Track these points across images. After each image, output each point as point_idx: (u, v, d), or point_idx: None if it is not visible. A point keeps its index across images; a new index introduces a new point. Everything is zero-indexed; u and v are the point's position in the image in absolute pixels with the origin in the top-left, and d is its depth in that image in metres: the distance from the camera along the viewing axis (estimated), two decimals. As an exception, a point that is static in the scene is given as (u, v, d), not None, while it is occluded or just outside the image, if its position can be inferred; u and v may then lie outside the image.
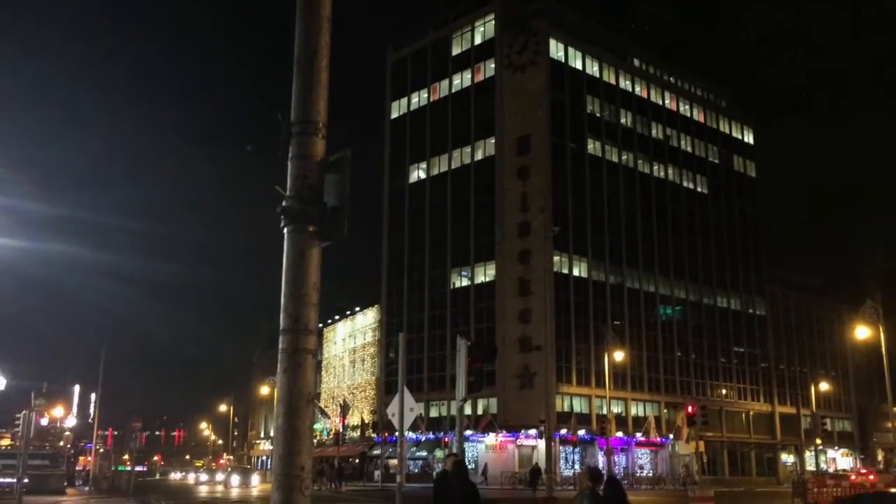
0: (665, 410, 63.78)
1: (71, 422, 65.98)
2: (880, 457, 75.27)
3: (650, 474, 58.66)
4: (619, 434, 57.06)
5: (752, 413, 72.37)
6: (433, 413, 60.95)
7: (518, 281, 58.63)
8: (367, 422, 69.57)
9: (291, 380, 5.58)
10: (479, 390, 13.71)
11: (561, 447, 54.30)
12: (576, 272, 60.49)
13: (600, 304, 61.23)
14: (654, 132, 69.02)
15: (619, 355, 52.06)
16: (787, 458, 72.57)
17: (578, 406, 58.39)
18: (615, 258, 63.33)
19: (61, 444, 56.25)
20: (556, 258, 58.93)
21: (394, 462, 53.40)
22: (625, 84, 67.29)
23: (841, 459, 76.51)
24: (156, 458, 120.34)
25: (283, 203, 5.85)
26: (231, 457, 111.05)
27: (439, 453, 53.50)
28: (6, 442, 57.49)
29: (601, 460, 51.43)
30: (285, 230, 5.85)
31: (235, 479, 53.71)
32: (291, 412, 5.54)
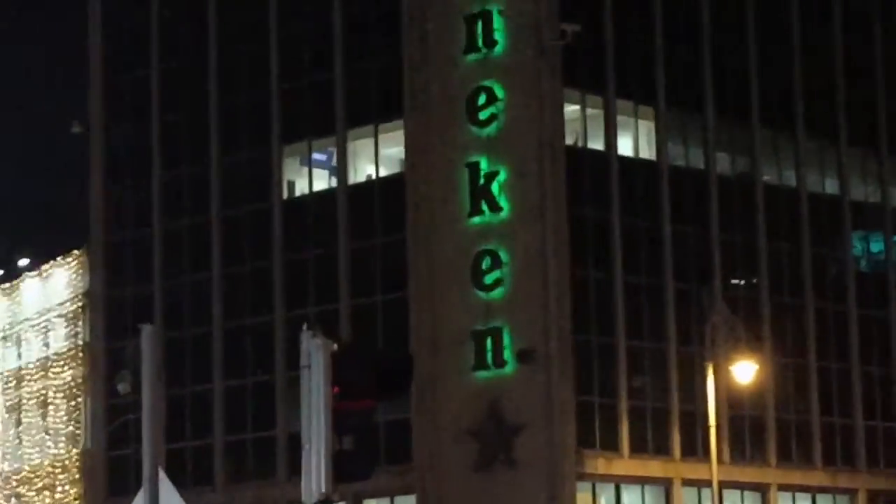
0: (868, 511, 58.71)
1: None
2: None
3: None
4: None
5: None
6: (244, 535, 58.93)
7: (467, 170, 51.63)
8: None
9: None
10: (364, 476, 11.88)
11: None
12: (624, 149, 53.87)
13: (690, 232, 54.43)
14: None
15: (743, 369, 43.06)
16: None
17: (637, 506, 53.95)
18: (724, 106, 56.15)
19: None
20: (572, 108, 52.33)
21: None
22: None
23: None
24: None
25: None
26: None
27: None
28: None
29: None
30: None
31: None
32: None
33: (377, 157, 54.82)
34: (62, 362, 64.10)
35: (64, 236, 66.90)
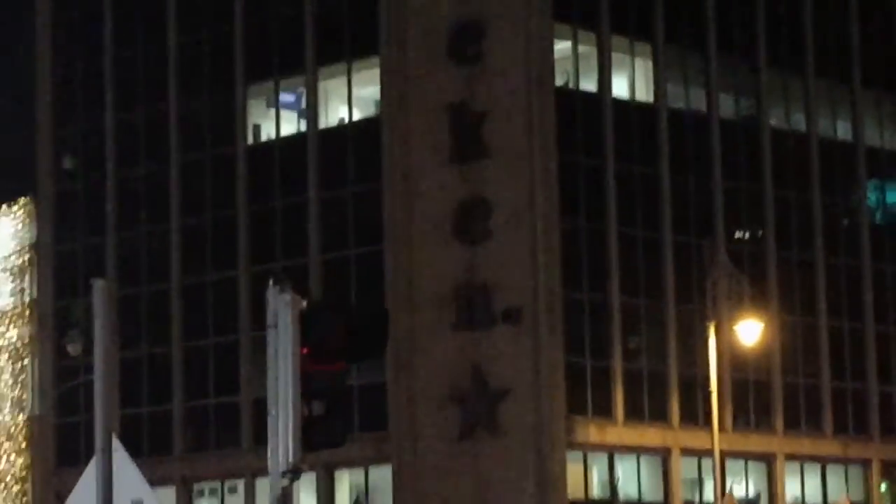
0: (884, 484, 57.62)
1: None
2: None
3: None
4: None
5: None
6: (204, 510, 62.39)
7: (449, 112, 52.25)
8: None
9: None
10: (336, 444, 11.78)
11: None
12: (619, 90, 54.29)
13: (691, 180, 54.61)
14: None
15: (748, 329, 44.13)
16: None
17: (631, 475, 53.55)
18: (727, 43, 55.83)
19: None
20: (562, 45, 52.81)
21: None
22: None
23: None
24: None
25: None
26: None
27: None
28: None
29: None
30: None
31: None
32: None
33: (350, 97, 53.91)
34: (7, 321, 63.60)
35: (8, 183, 64.27)
